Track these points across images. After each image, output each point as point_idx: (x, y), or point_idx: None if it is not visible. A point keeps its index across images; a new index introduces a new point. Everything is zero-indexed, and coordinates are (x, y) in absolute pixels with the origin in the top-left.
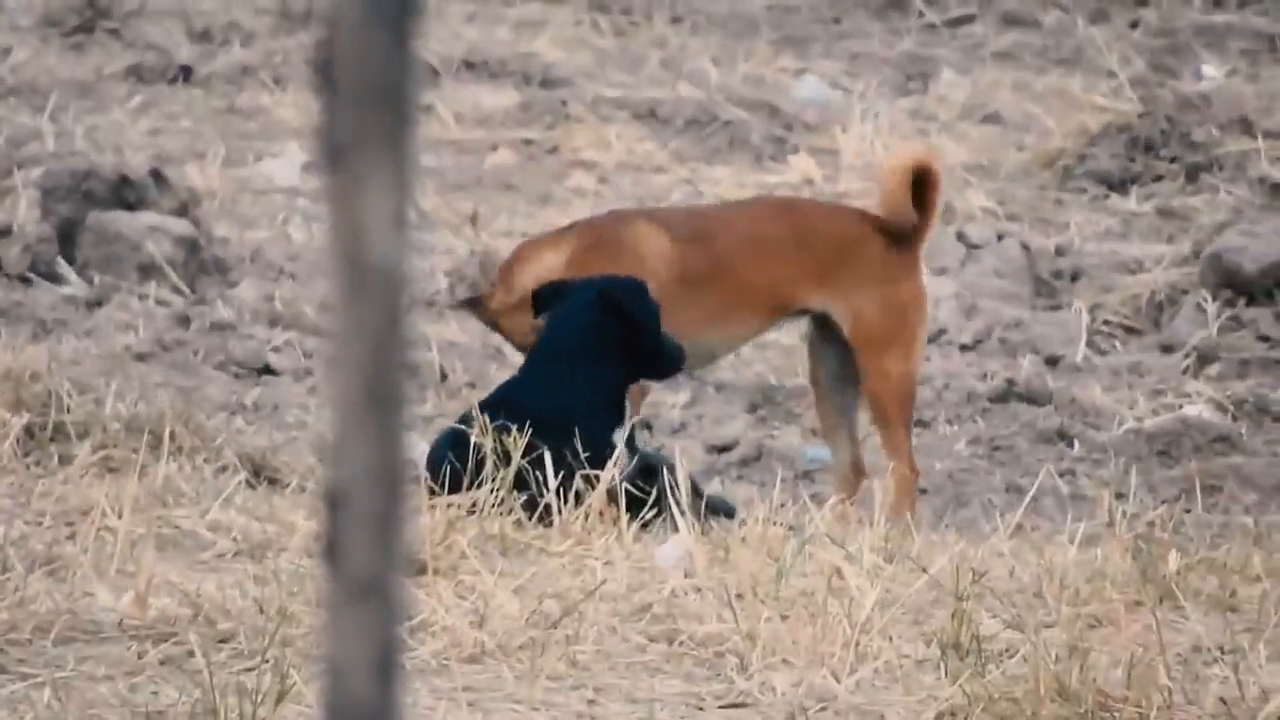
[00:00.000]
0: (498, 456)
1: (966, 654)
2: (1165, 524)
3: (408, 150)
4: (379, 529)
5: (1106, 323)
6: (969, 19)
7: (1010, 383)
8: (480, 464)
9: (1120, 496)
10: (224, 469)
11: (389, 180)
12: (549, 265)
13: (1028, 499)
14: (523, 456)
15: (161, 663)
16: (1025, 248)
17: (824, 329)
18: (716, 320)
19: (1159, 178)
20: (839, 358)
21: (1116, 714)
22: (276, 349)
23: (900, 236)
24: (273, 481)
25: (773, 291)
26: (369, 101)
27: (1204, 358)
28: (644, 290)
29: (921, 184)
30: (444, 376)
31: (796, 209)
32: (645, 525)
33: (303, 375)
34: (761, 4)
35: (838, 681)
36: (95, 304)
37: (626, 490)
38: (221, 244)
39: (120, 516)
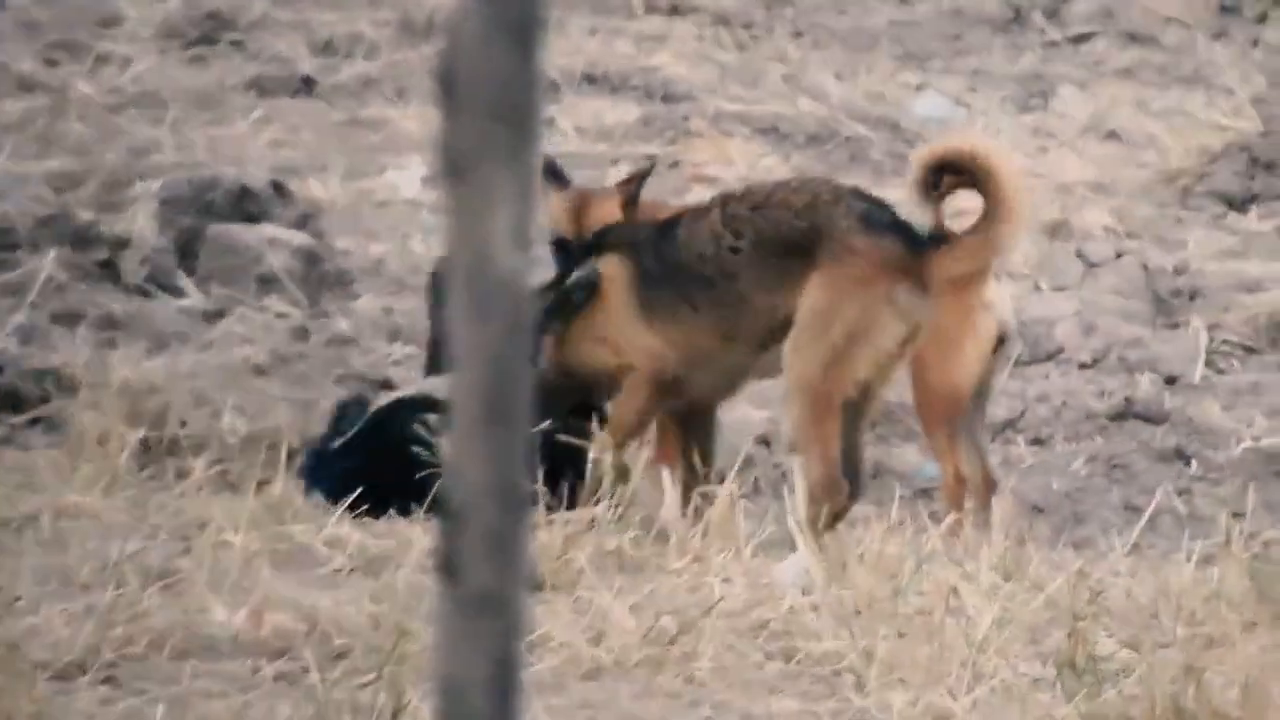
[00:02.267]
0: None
1: (1083, 673)
2: None
3: (530, 163)
4: (497, 545)
5: (1225, 342)
6: (1090, 36)
7: (1128, 401)
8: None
9: (1237, 516)
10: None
11: (511, 193)
12: None
13: (1145, 518)
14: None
15: (276, 679)
16: (1144, 266)
17: None
18: None
19: (1279, 197)
20: None
21: None
22: (397, 362)
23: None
24: None
25: None
26: (491, 114)
27: None
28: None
29: (974, 177)
30: None
31: None
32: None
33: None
34: (883, 19)
35: (954, 700)
36: (214, 316)
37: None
38: (342, 256)
39: (237, 532)
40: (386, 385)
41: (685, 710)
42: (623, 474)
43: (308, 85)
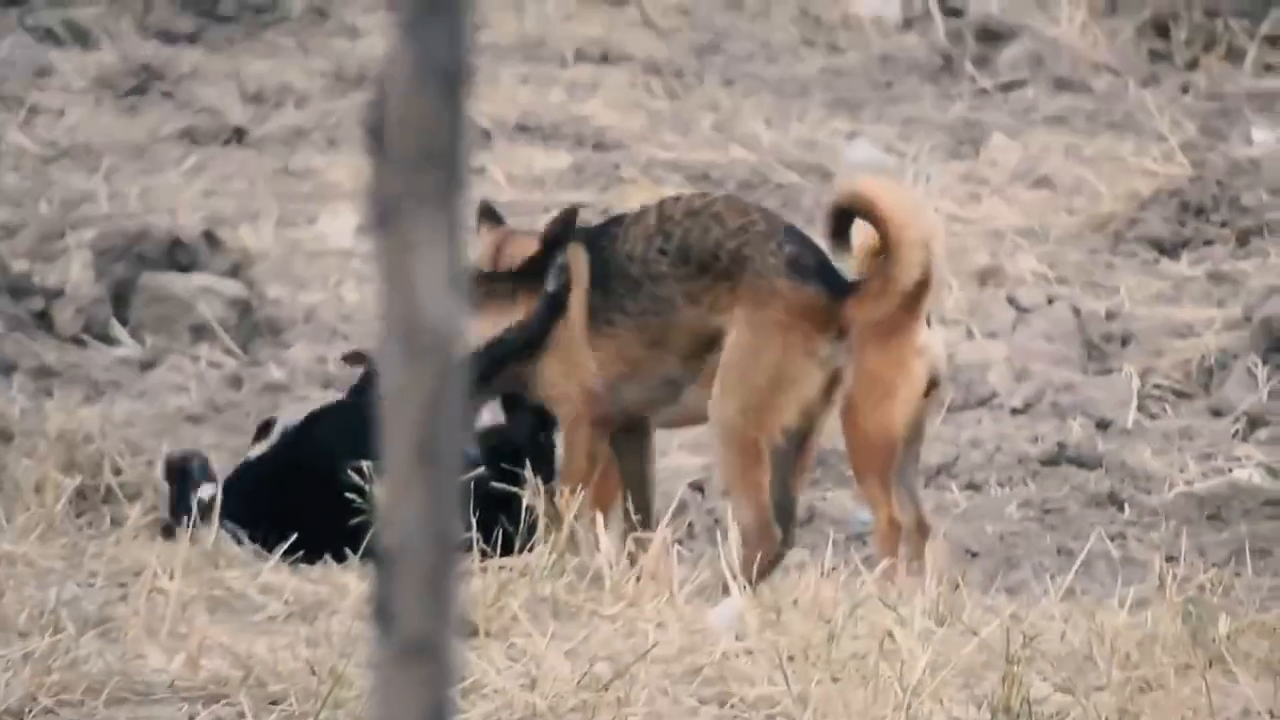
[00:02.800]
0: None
1: (1018, 717)
2: (1216, 588)
3: (459, 212)
4: (430, 590)
5: (1157, 386)
6: (1020, 84)
7: (1061, 446)
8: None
9: (1171, 560)
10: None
11: (440, 241)
12: None
13: (1078, 562)
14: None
15: None
16: (1076, 311)
17: None
18: None
19: (1209, 242)
20: None
21: None
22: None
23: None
24: None
25: None
26: (419, 163)
27: (1254, 422)
28: None
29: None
30: None
31: None
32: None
33: None
34: (814, 67)
35: None
36: (148, 365)
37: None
38: (274, 305)
39: (172, 578)
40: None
41: None
42: (556, 520)
43: (239, 135)
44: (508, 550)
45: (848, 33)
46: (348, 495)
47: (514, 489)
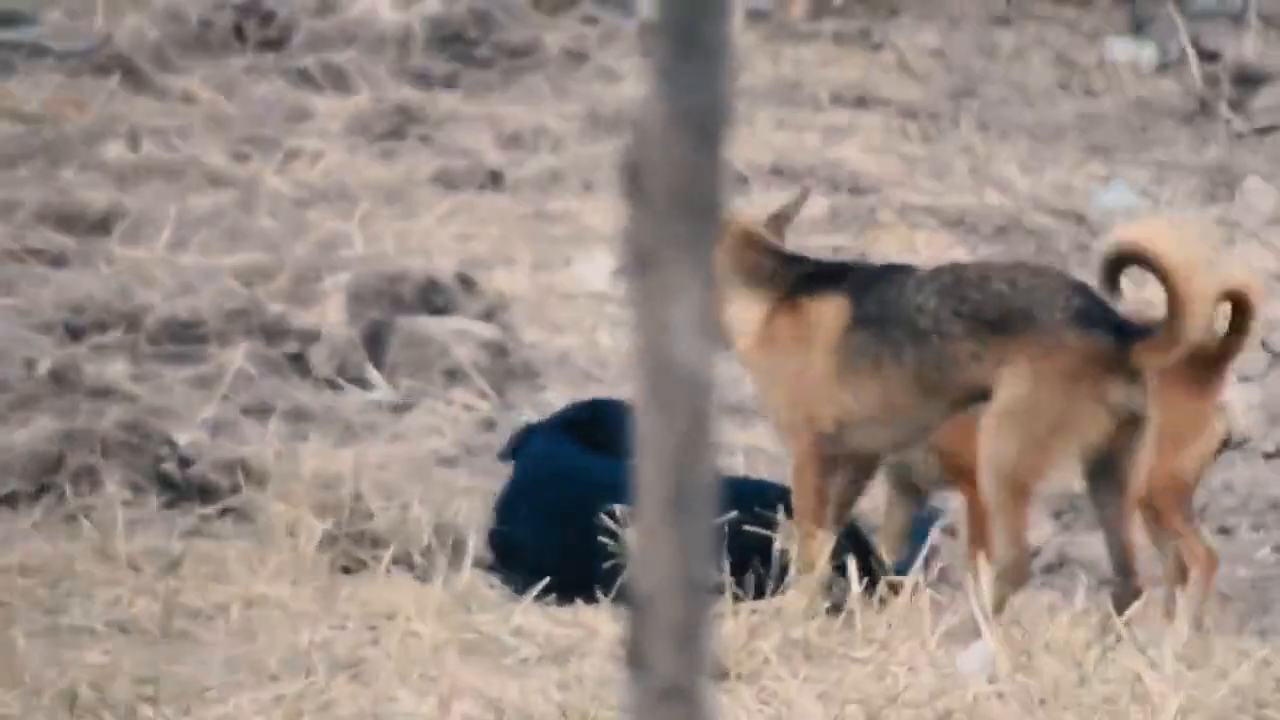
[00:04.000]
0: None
1: None
2: None
3: (713, 256)
4: (683, 635)
5: None
6: (1276, 128)
7: None
8: None
9: None
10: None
11: (695, 286)
12: None
13: None
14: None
15: None
16: None
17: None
18: None
19: None
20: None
21: None
22: None
23: None
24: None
25: None
26: (676, 208)
27: None
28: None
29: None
30: None
31: None
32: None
33: None
34: (1069, 111)
35: None
36: (402, 409)
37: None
38: (529, 348)
39: (424, 621)
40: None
41: None
42: (808, 564)
43: (494, 179)
44: (760, 594)
45: (1103, 77)
46: (600, 538)
47: (767, 531)
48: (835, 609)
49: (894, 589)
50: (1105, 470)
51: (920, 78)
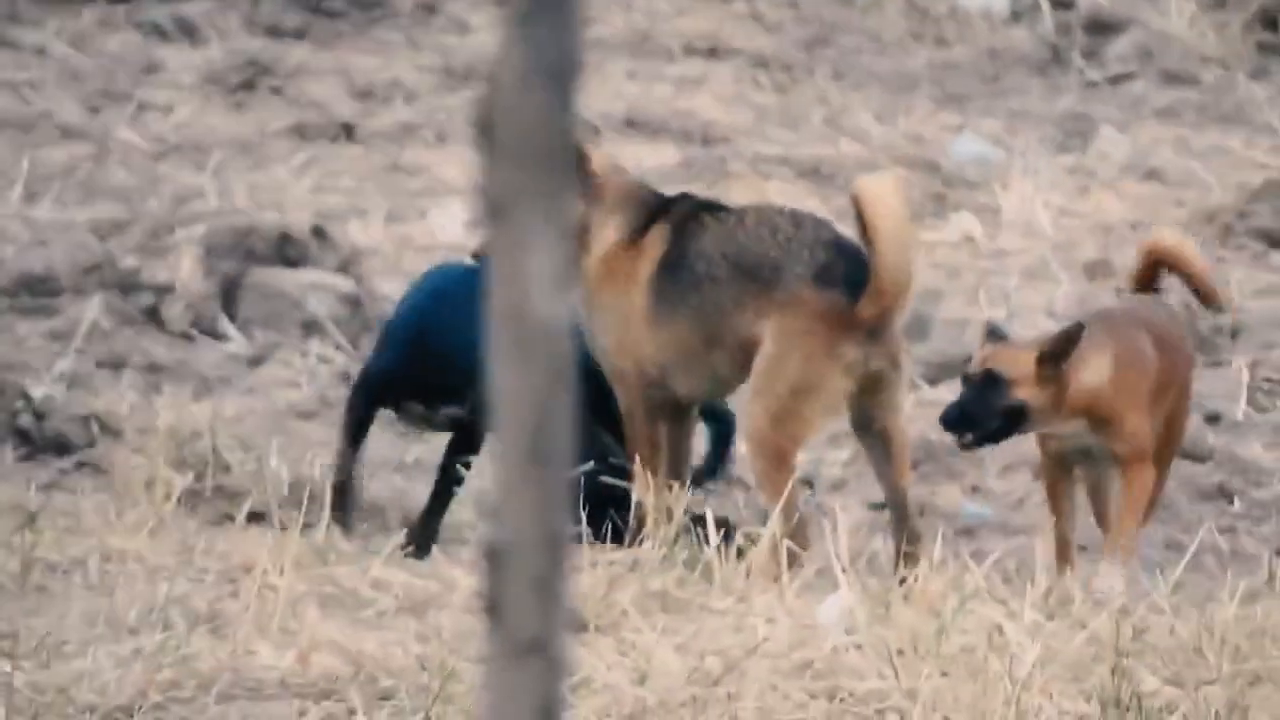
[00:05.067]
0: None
1: (1127, 710)
2: None
3: (568, 207)
4: (540, 587)
5: (1267, 380)
6: (1129, 76)
7: None
8: None
9: None
10: (385, 527)
11: (550, 236)
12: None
13: (1188, 556)
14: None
15: None
16: (1186, 305)
17: None
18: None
19: None
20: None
21: None
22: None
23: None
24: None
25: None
26: (529, 159)
27: None
28: None
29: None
30: None
31: (1173, 312)
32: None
33: None
34: (922, 61)
35: None
36: (257, 361)
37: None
38: (384, 301)
39: (282, 574)
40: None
41: None
42: (667, 514)
43: (348, 131)
44: (618, 543)
45: (956, 26)
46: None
47: (623, 483)
48: (691, 563)
49: (751, 541)
50: (867, 425)
51: (773, 28)
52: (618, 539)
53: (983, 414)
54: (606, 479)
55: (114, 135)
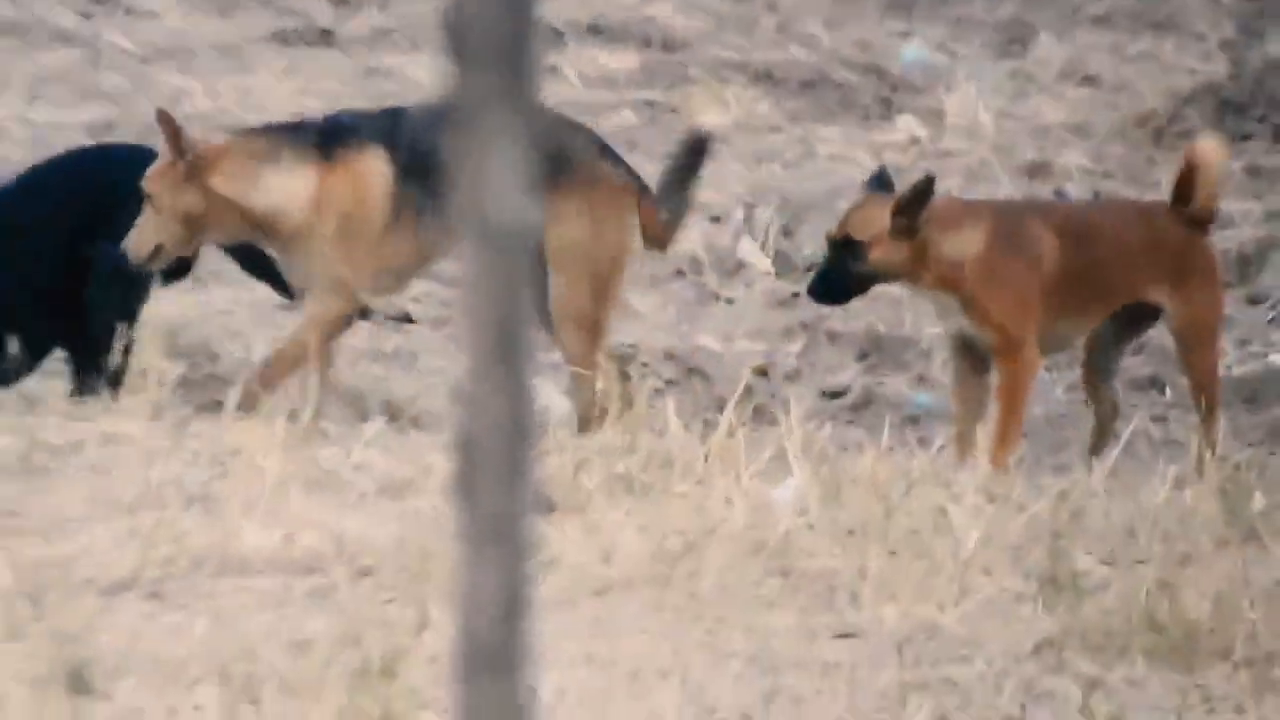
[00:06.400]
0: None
1: (1063, 588)
2: (1251, 467)
3: (531, 110)
4: (508, 470)
5: None
6: None
7: None
8: None
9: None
10: (364, 414)
11: (512, 140)
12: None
13: (1122, 443)
14: None
15: (308, 595)
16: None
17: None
18: (1077, 312)
19: (1247, 137)
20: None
21: (1203, 645)
22: (415, 299)
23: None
24: (413, 425)
25: (1126, 288)
26: (493, 64)
27: None
28: None
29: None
30: None
31: (1151, 214)
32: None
33: (439, 324)
34: None
35: (943, 613)
36: None
37: None
38: None
39: (269, 458)
40: (407, 319)
41: (689, 624)
42: (629, 401)
43: (326, 37)
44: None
45: None
46: None
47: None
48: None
49: (710, 427)
50: None
51: None
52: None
53: (843, 282)
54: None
55: (105, 39)
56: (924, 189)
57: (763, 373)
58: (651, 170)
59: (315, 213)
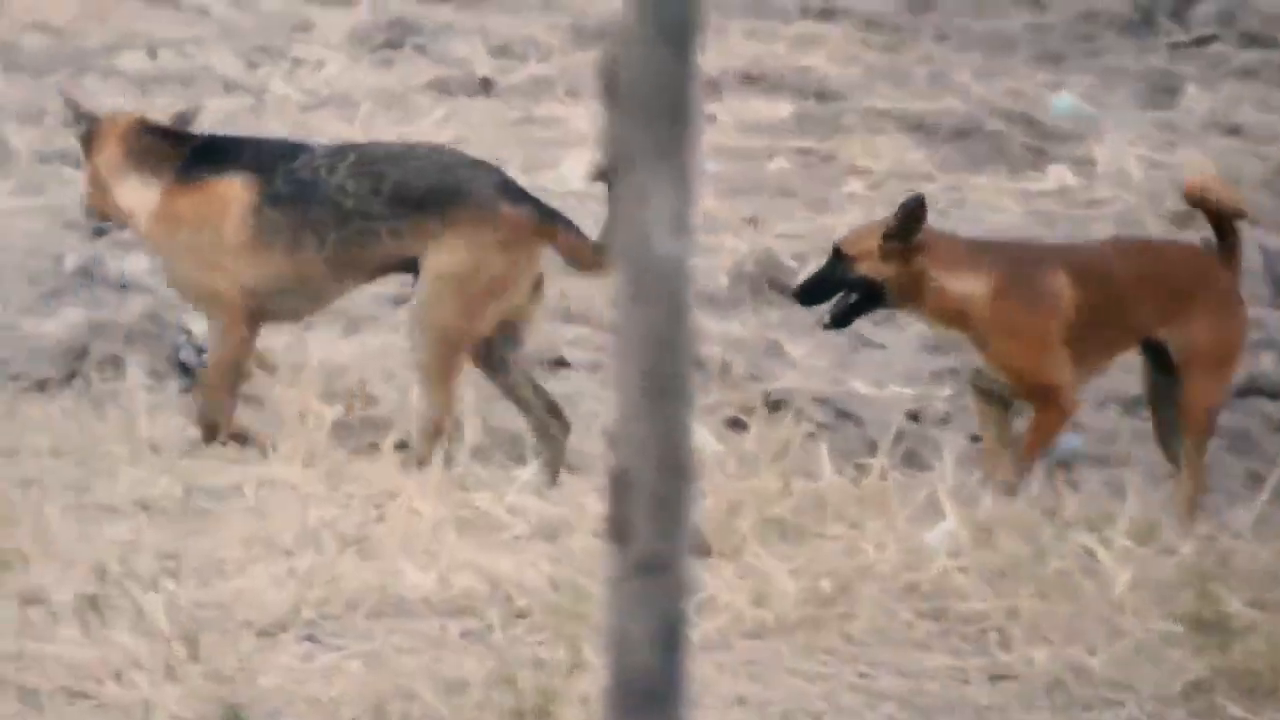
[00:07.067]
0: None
1: (1212, 631)
2: None
3: (688, 157)
4: (662, 511)
5: None
6: (1212, 38)
7: (1251, 378)
8: None
9: None
10: (520, 457)
11: (671, 185)
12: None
13: (1268, 488)
14: None
15: (462, 636)
16: (1264, 250)
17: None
18: (1094, 353)
19: None
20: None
21: None
22: (570, 343)
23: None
24: (568, 468)
25: (1138, 327)
26: (652, 112)
27: None
28: None
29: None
30: (725, 369)
31: (1161, 251)
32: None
33: (595, 369)
34: (1019, 23)
35: (1092, 656)
36: (402, 301)
37: None
38: None
39: (425, 500)
40: (562, 363)
41: (842, 666)
42: (784, 449)
43: (485, 86)
44: None
45: None
46: None
47: None
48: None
49: (863, 471)
50: (516, 331)
51: None
52: None
53: (826, 287)
54: None
55: (270, 89)
56: (910, 208)
57: (914, 417)
58: (804, 218)
59: (155, 223)
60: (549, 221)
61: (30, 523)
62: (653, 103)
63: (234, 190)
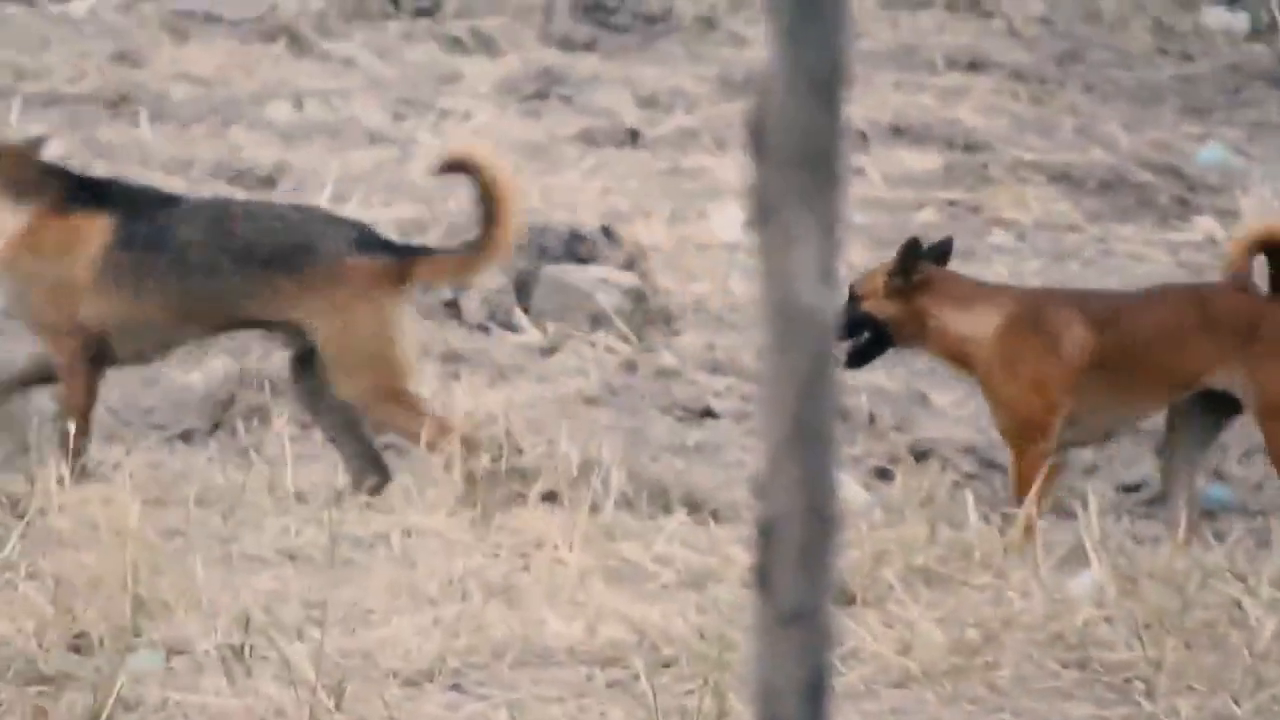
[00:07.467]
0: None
1: None
2: None
3: (835, 208)
4: (808, 560)
5: None
6: None
7: None
8: None
9: None
10: (667, 506)
11: (816, 235)
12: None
13: None
14: None
15: (608, 686)
16: None
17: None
18: (1132, 399)
19: None
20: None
21: None
22: (717, 394)
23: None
24: (714, 517)
25: (1183, 375)
26: (798, 163)
27: None
28: None
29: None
30: (872, 419)
31: (1203, 297)
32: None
33: (741, 418)
34: (1167, 74)
35: (1238, 706)
36: (548, 351)
37: None
38: (666, 295)
39: (571, 549)
40: (709, 413)
41: (987, 716)
42: (929, 498)
43: (633, 137)
44: None
45: (1199, 42)
46: None
47: None
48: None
49: (1008, 520)
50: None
51: (1028, 43)
52: None
53: (846, 328)
54: None
55: (416, 140)
56: (906, 251)
57: (1060, 468)
58: (951, 269)
59: (9, 249)
60: (405, 261)
61: (176, 573)
62: (798, 154)
63: (91, 228)
